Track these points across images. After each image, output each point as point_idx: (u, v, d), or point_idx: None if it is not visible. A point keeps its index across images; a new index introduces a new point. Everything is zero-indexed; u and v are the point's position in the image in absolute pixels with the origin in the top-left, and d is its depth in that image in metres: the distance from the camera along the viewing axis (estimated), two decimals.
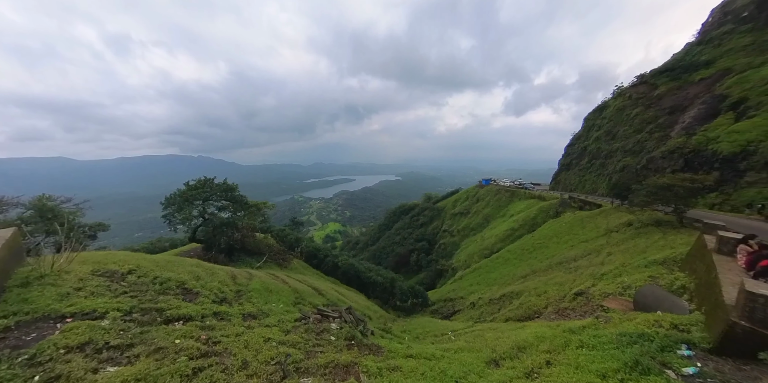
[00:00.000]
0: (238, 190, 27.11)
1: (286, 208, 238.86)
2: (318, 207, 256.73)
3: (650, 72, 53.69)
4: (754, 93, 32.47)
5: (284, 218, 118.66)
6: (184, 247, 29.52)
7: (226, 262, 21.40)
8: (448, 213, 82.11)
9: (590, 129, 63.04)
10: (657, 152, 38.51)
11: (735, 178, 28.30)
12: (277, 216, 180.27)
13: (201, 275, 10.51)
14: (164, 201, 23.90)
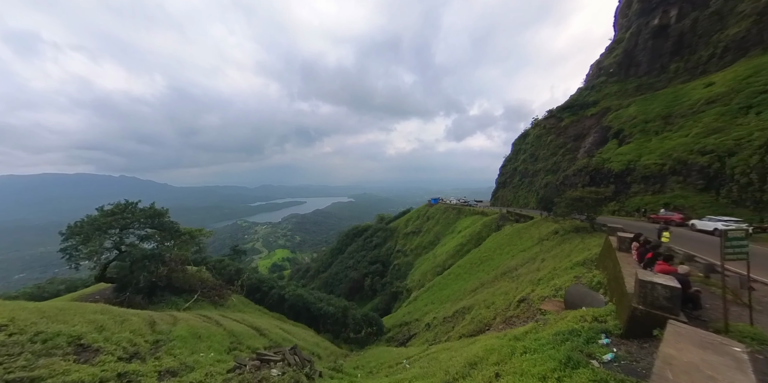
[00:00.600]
0: (168, 215, 23.70)
1: (227, 235, 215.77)
2: (264, 233, 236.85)
3: (556, 108, 64.89)
4: (627, 125, 41.39)
5: (224, 246, 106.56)
6: (87, 289, 24.05)
7: (145, 305, 17.96)
8: (400, 233, 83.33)
9: (518, 152, 72.26)
10: (569, 171, 45.64)
11: (625, 189, 34.90)
12: (215, 244, 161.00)
13: (106, 325, 8.58)
14: (65, 231, 19.41)
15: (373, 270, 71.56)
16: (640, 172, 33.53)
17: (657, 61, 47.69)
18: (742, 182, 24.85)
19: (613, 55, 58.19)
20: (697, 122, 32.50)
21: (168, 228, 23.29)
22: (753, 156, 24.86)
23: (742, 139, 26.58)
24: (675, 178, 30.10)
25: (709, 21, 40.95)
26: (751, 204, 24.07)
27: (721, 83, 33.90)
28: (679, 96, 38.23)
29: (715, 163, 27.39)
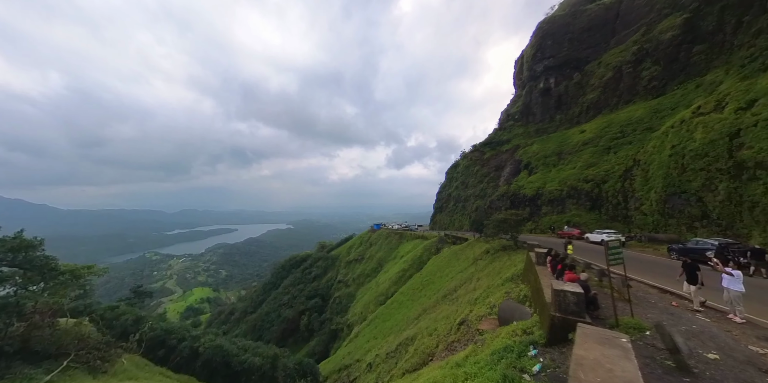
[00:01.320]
0: (42, 247, 18.10)
1: (130, 272, 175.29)
2: (181, 268, 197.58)
3: (479, 143, 75.31)
4: (533, 159, 50.07)
5: (123, 287, 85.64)
6: None
7: None
8: (342, 262, 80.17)
9: (451, 180, 79.59)
10: (494, 196, 51.81)
11: (537, 211, 40.95)
12: (111, 285, 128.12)
13: None
14: None
15: (311, 306, 65.53)
16: (547, 197, 40.16)
17: (546, 112, 60.42)
18: (614, 202, 31.90)
19: (516, 106, 71.70)
20: (579, 158, 41.22)
21: (37, 266, 17.65)
22: (617, 183, 32.34)
23: (609, 170, 34.52)
24: (571, 200, 36.94)
25: (575, 88, 54.59)
26: (622, 219, 30.75)
27: (589, 131, 44.35)
28: (565, 138, 48.42)
29: (595, 189, 34.69)
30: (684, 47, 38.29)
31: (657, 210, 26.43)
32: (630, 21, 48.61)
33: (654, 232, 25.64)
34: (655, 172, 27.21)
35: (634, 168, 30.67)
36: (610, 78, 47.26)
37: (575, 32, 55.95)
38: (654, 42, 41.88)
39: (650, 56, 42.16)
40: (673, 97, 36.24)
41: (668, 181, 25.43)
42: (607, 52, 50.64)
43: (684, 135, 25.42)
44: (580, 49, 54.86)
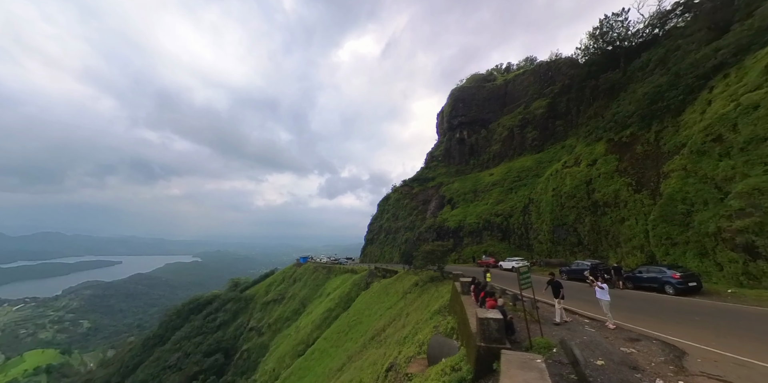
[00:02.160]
0: None
1: None
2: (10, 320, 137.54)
3: (408, 179, 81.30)
4: (454, 195, 56.05)
5: None
6: None
7: None
8: (258, 303, 69.68)
9: (383, 212, 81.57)
10: (422, 228, 54.63)
11: (460, 242, 44.53)
12: None
13: None
14: None
15: (209, 367, 52.44)
16: (467, 229, 44.49)
17: (463, 157, 70.52)
18: (518, 233, 37.33)
19: (439, 149, 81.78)
20: (490, 196, 47.93)
21: None
22: (520, 217, 38.24)
23: (513, 206, 40.84)
24: (486, 232, 41.78)
25: (483, 140, 66.19)
26: (526, 247, 35.83)
27: (497, 174, 52.83)
28: (479, 179, 56.28)
29: (504, 222, 40.24)
30: (550, 120, 51.44)
31: (548, 239, 31.95)
32: (515, 98, 64.27)
33: (549, 258, 30.56)
34: (545, 208, 33.30)
35: (530, 205, 37.03)
36: (507, 136, 58.99)
37: (479, 100, 70.07)
38: (531, 114, 55.30)
39: (530, 124, 54.96)
40: (549, 154, 46.87)
41: (554, 216, 31.33)
42: (502, 116, 64.21)
43: (559, 181, 32.31)
44: (484, 112, 68.46)
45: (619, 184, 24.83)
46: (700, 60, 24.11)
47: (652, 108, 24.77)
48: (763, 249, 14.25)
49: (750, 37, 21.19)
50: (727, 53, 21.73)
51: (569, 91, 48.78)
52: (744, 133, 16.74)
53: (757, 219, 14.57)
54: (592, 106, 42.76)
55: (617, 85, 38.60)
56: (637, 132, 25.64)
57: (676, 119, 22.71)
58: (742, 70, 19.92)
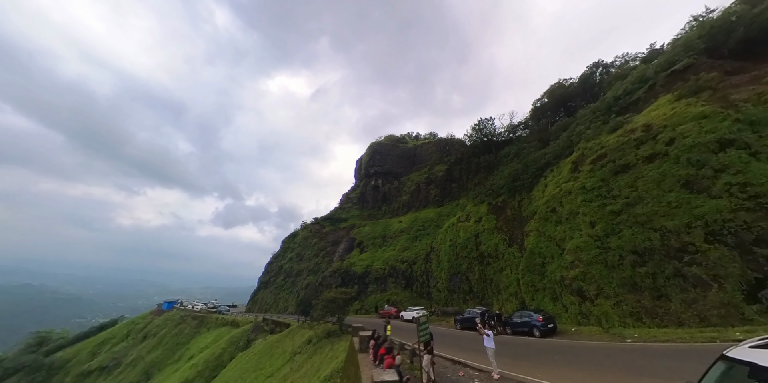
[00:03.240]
0: None
1: None
2: None
3: (321, 217, 78.52)
4: (365, 239, 56.21)
5: None
6: None
7: None
8: (71, 375, 47.52)
9: (286, 250, 73.75)
10: (327, 272, 50.96)
11: (365, 289, 42.92)
12: None
13: None
14: None
15: None
16: (374, 275, 43.84)
17: (376, 203, 74.25)
18: (420, 281, 38.80)
19: (355, 192, 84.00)
20: (398, 242, 49.94)
21: None
22: (422, 265, 40.31)
23: (417, 254, 43.16)
24: (391, 279, 41.94)
25: (395, 190, 72.46)
26: (426, 296, 37.00)
27: (405, 222, 56.54)
28: (389, 225, 58.80)
29: (408, 269, 41.59)
30: (448, 182, 61.40)
31: (446, 287, 34.23)
32: (422, 159, 75.71)
33: (445, 306, 32.15)
34: (443, 257, 36.34)
35: (432, 253, 39.93)
36: (414, 189, 66.36)
37: (394, 156, 79.24)
38: (434, 175, 65.14)
39: (433, 182, 64.10)
40: (447, 208, 53.96)
41: (450, 264, 34.33)
42: (412, 173, 73.33)
43: (455, 233, 36.61)
44: (397, 167, 77.08)
45: (497, 239, 29.74)
46: (537, 158, 33.65)
47: (514, 184, 32.32)
48: (588, 292, 18.47)
49: (560, 150, 31.22)
50: (550, 156, 31.24)
51: (461, 163, 60.46)
52: (566, 208, 23.03)
53: (582, 269, 19.16)
54: (477, 176, 53.28)
55: (492, 164, 50.16)
56: (507, 199, 32.41)
57: (529, 194, 29.90)
58: (559, 167, 28.52)
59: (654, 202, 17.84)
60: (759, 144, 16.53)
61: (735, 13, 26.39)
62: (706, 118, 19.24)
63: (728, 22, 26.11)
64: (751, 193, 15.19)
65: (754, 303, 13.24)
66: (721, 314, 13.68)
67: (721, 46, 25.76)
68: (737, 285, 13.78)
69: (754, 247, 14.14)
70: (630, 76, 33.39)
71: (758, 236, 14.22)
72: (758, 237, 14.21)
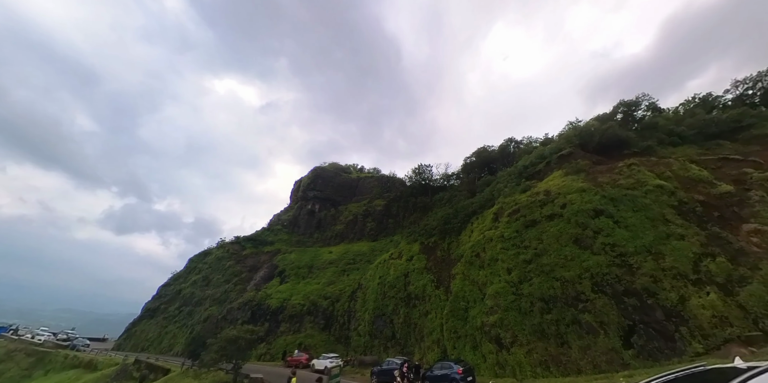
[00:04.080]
0: None
1: None
2: None
3: (244, 236, 70.60)
4: (288, 267, 52.03)
5: None
6: None
7: None
8: None
9: (192, 271, 63.07)
10: (236, 303, 44.59)
11: (276, 327, 38.40)
12: None
13: None
14: None
15: None
16: (289, 311, 39.88)
17: (309, 229, 71.02)
18: (341, 322, 36.58)
19: (287, 214, 79.39)
20: (324, 274, 47.55)
21: None
22: (346, 303, 38.57)
23: (342, 289, 41.41)
24: (309, 317, 38.59)
25: (332, 218, 71.07)
26: (344, 340, 34.70)
27: (335, 253, 54.84)
28: (318, 255, 56.05)
29: (330, 307, 39.18)
30: (385, 217, 63.43)
31: (368, 331, 32.77)
32: (363, 192, 77.05)
33: (363, 355, 30.27)
34: (369, 295, 35.61)
35: (358, 290, 38.85)
36: (351, 220, 66.19)
37: (335, 184, 79.29)
38: (373, 209, 66.75)
39: (371, 215, 65.37)
40: (381, 244, 54.68)
41: (376, 305, 33.61)
42: (351, 203, 73.49)
43: (385, 270, 36.80)
44: (337, 195, 76.66)
45: (426, 279, 30.62)
46: (466, 206, 37.67)
47: (446, 226, 35.02)
48: (504, 340, 19.45)
49: (484, 202, 35.80)
50: (476, 206, 35.45)
51: (399, 200, 63.92)
52: (488, 254, 25.45)
53: (500, 315, 20.40)
54: (413, 215, 56.51)
55: (427, 206, 54.25)
56: (438, 241, 34.53)
57: (458, 237, 32.53)
58: (483, 216, 32.25)
59: (555, 254, 20.93)
60: (618, 215, 21.50)
61: (592, 126, 37.16)
62: (585, 191, 24.36)
63: (590, 130, 36.04)
64: (618, 252, 19.20)
65: (629, 347, 15.62)
66: (608, 359, 15.66)
67: (588, 144, 34.79)
68: (616, 331, 16.26)
69: (625, 297, 17.26)
70: (534, 152, 41.32)
71: (626, 288, 17.53)
72: (626, 289, 17.52)
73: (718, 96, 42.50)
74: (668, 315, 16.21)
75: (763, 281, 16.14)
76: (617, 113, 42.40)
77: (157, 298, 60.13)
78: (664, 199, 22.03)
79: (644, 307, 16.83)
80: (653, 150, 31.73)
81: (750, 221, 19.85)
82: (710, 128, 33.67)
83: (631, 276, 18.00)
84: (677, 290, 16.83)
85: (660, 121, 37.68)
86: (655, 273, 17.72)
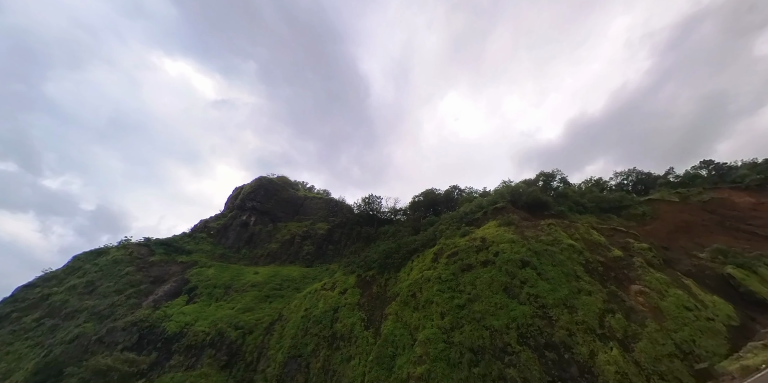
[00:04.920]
0: None
1: None
2: None
3: (156, 239, 61.15)
4: (202, 284, 46.44)
5: None
6: None
7: None
8: None
9: (73, 271, 51.72)
10: (121, 322, 37.46)
11: (166, 360, 32.85)
12: None
13: None
14: None
15: None
16: (189, 340, 34.86)
17: (238, 243, 65.00)
18: (248, 360, 32.97)
19: (217, 222, 71.14)
20: (243, 298, 43.60)
21: None
22: (260, 336, 35.44)
23: (260, 319, 38.27)
24: (210, 350, 33.94)
25: (267, 235, 66.55)
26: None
27: (261, 274, 51.01)
28: (241, 274, 51.30)
29: (240, 339, 35.46)
30: (326, 242, 62.50)
31: (276, 375, 29.39)
32: (308, 212, 74.83)
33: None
34: (289, 330, 33.48)
35: (277, 322, 36.34)
36: (288, 240, 63.26)
37: (279, 198, 75.79)
38: (314, 231, 65.29)
39: (311, 238, 63.62)
40: (315, 271, 53.04)
41: (294, 342, 31.24)
42: (292, 221, 70.44)
43: (314, 302, 35.49)
44: (279, 211, 72.88)
45: (356, 317, 29.84)
46: (408, 242, 39.75)
47: (387, 261, 36.12)
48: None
49: (426, 241, 38.35)
50: (419, 244, 37.78)
51: (344, 227, 64.23)
52: (424, 295, 26.44)
53: (428, 366, 19.90)
54: (356, 244, 56.93)
55: (371, 237, 55.72)
56: (376, 275, 35.03)
57: (397, 274, 33.49)
58: (424, 255, 34.17)
59: (486, 301, 22.41)
60: (541, 267, 24.76)
61: (520, 187, 45.34)
62: (514, 242, 27.82)
63: (518, 190, 43.48)
64: (540, 303, 21.48)
65: None
66: None
67: (517, 201, 41.47)
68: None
69: (546, 351, 18.27)
70: (474, 201, 46.88)
71: (546, 341, 18.63)
72: (546, 342, 18.59)
73: (606, 181, 58.64)
74: (582, 371, 17.65)
75: (649, 338, 18.77)
76: (539, 180, 51.75)
77: (10, 302, 46.99)
78: (575, 257, 26.45)
79: (562, 362, 18.07)
80: (565, 214, 38.92)
81: (636, 282, 24.33)
82: (603, 204, 43.16)
83: (551, 329, 19.63)
84: (588, 344, 18.59)
85: (569, 192, 47.21)
86: (570, 327, 19.60)
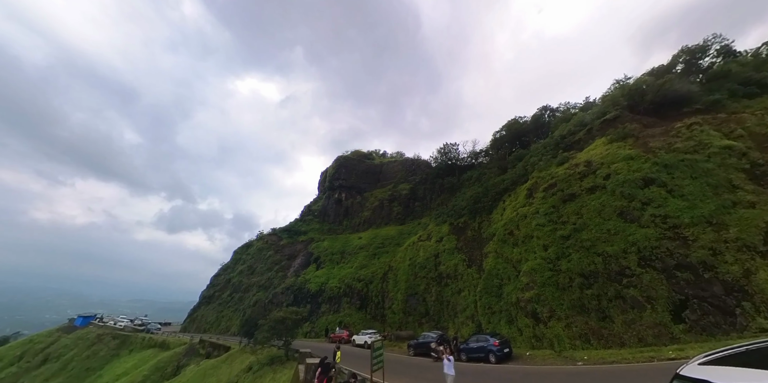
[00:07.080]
0: None
1: None
2: None
3: (279, 228, 74.85)
4: (322, 254, 54.46)
5: None
6: None
7: None
8: None
9: (237, 262, 68.50)
10: (279, 288, 48.17)
11: (317, 309, 41.16)
12: None
13: None
14: None
15: None
16: (328, 294, 42.35)
17: (338, 217, 72.88)
18: (375, 302, 38.28)
19: (317, 205, 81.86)
20: (356, 259, 49.34)
21: None
22: (379, 284, 40.10)
23: (374, 272, 42.90)
24: (346, 298, 40.76)
25: (358, 206, 72.06)
26: (380, 318, 36.46)
27: (365, 238, 56.21)
28: (348, 241, 57.90)
29: (364, 288, 40.94)
30: (411, 201, 63.12)
31: (401, 308, 33.95)
32: (387, 177, 76.43)
33: (399, 330, 31.66)
34: (401, 276, 36.57)
35: (389, 272, 40.04)
36: (377, 206, 66.79)
37: (359, 171, 79.24)
38: (398, 193, 66.49)
39: (397, 200, 65.31)
40: (409, 227, 55.07)
41: (408, 284, 34.51)
42: (376, 189, 73.75)
43: (414, 252, 37.31)
44: (362, 182, 76.90)
45: (457, 259, 30.51)
46: (496, 183, 36.34)
47: (476, 206, 34.23)
48: (541, 315, 19.24)
49: (517, 178, 34.23)
50: (508, 183, 33.99)
51: (425, 183, 62.87)
52: (522, 231, 24.64)
53: (536, 291, 20.04)
54: (441, 196, 55.71)
55: (455, 186, 52.88)
56: (468, 220, 33.96)
57: (489, 216, 31.73)
58: (516, 193, 31.04)
59: (596, 229, 19.76)
60: (672, 183, 19.56)
61: (645, 82, 32.33)
62: (633, 159, 22.30)
63: (641, 88, 31.79)
64: (671, 224, 17.67)
65: (680, 322, 14.87)
66: (655, 334, 15.07)
67: (638, 105, 31.06)
68: (666, 306, 15.42)
69: (676, 271, 16.05)
70: (572, 119, 37.93)
71: (678, 262, 16.27)
72: (678, 262, 16.26)
73: None
74: (728, 290, 14.83)
75: None
76: (677, 63, 35.62)
77: (211, 287, 66.50)
78: (732, 162, 19.50)
79: (700, 281, 15.47)
80: (722, 105, 26.99)
81: None
82: None
83: (685, 250, 16.50)
84: (741, 263, 15.18)
85: (733, 67, 31.06)
86: (715, 246, 16.07)
